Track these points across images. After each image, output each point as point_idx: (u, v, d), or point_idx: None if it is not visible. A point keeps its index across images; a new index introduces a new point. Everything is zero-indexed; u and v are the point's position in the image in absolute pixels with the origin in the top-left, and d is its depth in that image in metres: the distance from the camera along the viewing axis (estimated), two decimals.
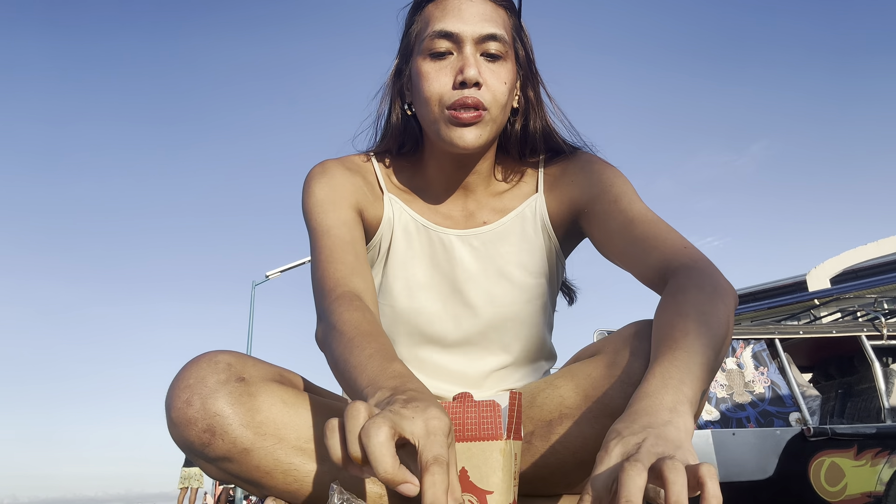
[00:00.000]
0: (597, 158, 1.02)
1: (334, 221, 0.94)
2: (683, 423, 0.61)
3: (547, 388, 0.84)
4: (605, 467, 0.57)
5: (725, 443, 3.82)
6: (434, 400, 0.63)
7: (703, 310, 0.73)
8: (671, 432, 0.58)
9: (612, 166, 1.01)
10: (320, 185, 0.98)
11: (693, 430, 0.63)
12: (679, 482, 0.51)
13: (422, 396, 0.63)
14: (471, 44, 0.91)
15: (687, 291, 0.77)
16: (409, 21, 1.00)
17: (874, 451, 3.80)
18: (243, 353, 0.84)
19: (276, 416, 0.79)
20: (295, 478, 0.80)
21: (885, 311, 4.79)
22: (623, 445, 0.57)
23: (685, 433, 0.60)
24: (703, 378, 0.67)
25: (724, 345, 0.74)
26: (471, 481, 0.66)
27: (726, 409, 3.98)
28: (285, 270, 13.34)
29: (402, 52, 1.01)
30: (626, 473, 0.52)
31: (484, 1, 0.93)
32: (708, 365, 0.69)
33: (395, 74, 1.03)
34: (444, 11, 0.93)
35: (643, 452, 0.55)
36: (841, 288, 6.85)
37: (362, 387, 0.71)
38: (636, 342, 0.79)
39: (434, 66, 0.92)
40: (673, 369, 0.66)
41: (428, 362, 1.00)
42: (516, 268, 1.01)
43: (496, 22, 0.93)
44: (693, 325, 0.71)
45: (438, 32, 0.91)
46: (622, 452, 0.57)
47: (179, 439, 0.78)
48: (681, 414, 0.62)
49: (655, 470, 0.53)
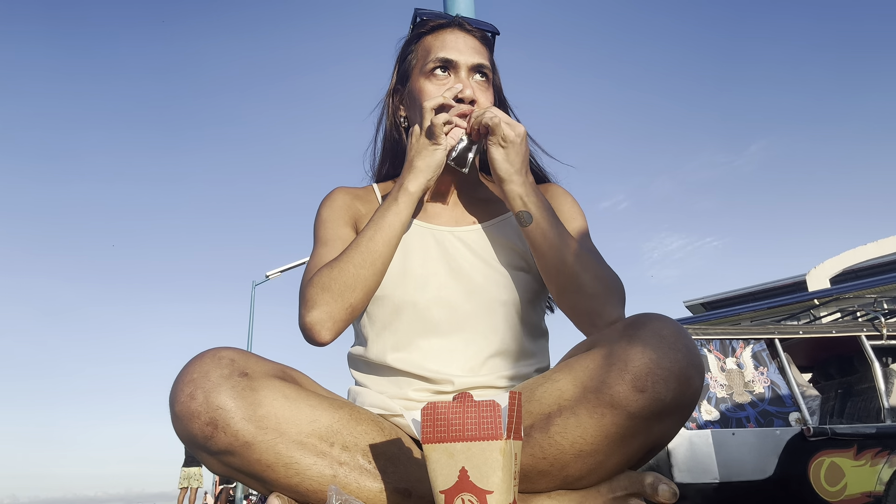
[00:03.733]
0: (567, 193, 1.20)
1: (331, 235, 1.09)
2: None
3: (545, 383, 0.86)
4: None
5: (725, 443, 3.82)
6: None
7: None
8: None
9: (577, 203, 1.19)
10: (325, 207, 1.15)
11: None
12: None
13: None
14: (465, 70, 1.11)
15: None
16: (406, 50, 1.19)
17: (874, 451, 3.81)
18: (246, 350, 0.86)
19: (278, 410, 0.81)
20: (296, 471, 0.81)
21: (885, 311, 4.79)
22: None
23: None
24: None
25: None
26: (471, 481, 0.66)
27: (726, 409, 3.98)
28: (285, 270, 13.35)
29: (400, 76, 1.19)
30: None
31: (474, 38, 1.14)
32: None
33: (391, 94, 1.21)
34: (443, 43, 1.12)
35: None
36: (841, 288, 6.86)
37: (391, 210, 1.00)
38: (632, 331, 0.80)
39: (433, 84, 1.10)
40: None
41: (425, 347, 1.03)
42: (505, 261, 1.09)
43: (483, 55, 1.14)
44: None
45: (439, 59, 1.11)
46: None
47: (182, 432, 0.80)
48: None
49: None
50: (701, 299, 13.58)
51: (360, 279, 0.96)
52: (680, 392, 0.78)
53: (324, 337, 0.95)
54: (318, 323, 0.94)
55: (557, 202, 1.18)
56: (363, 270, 0.96)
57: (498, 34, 1.21)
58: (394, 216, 0.99)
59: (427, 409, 0.68)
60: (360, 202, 1.18)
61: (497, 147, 1.00)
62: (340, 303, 0.95)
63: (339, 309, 0.95)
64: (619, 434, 0.79)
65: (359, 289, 0.96)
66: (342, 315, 0.96)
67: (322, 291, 0.95)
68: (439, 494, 0.68)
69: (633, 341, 0.79)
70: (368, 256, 0.97)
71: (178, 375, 0.81)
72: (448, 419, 0.67)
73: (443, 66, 1.10)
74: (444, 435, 0.67)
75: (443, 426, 0.67)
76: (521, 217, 1.01)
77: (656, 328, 0.80)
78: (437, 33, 1.14)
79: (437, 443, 0.67)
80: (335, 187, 1.20)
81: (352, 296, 0.96)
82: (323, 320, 0.94)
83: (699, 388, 0.80)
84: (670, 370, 0.77)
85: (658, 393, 0.77)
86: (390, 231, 0.99)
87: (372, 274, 0.97)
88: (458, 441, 0.67)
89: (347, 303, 0.96)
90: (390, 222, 0.99)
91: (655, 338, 0.78)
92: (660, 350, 0.78)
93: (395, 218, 0.99)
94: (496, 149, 1.00)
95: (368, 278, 0.97)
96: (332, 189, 1.19)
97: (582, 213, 1.19)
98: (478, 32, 1.16)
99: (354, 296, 0.96)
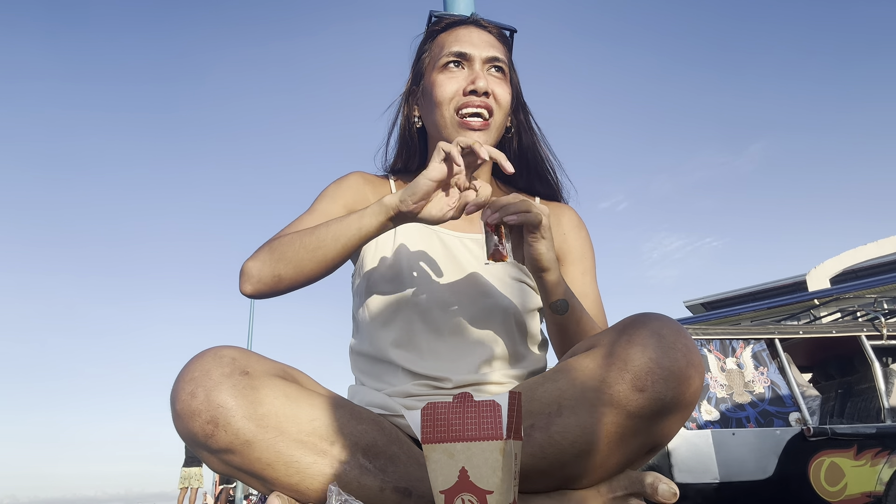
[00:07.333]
0: (582, 225, 1.22)
1: (320, 208, 1.10)
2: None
3: (546, 383, 0.86)
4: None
5: (725, 443, 3.82)
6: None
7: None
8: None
9: (588, 236, 1.21)
10: (333, 183, 1.16)
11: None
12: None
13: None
14: (480, 63, 1.09)
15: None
16: (421, 49, 1.18)
17: (874, 451, 3.81)
18: (247, 349, 0.87)
19: (279, 409, 0.81)
20: (297, 470, 0.81)
21: (885, 311, 4.79)
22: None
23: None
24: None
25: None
26: (471, 481, 0.66)
27: (726, 409, 3.98)
28: None
29: (414, 74, 1.19)
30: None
31: (490, 34, 1.13)
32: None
33: (406, 93, 1.20)
34: (457, 38, 1.11)
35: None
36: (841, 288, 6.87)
37: (361, 214, 0.95)
38: (632, 331, 0.80)
39: (447, 76, 1.09)
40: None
41: (425, 346, 1.04)
42: (508, 272, 1.10)
43: (499, 49, 1.12)
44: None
45: (453, 52, 1.09)
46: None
47: (183, 431, 0.80)
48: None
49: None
50: (701, 299, 13.59)
51: (297, 258, 0.96)
52: (680, 392, 0.78)
53: (245, 288, 0.99)
54: (246, 273, 0.98)
55: (571, 235, 1.18)
56: (304, 252, 0.96)
57: (515, 32, 1.19)
58: (356, 221, 0.95)
59: (427, 409, 0.68)
60: (370, 188, 1.18)
61: (540, 240, 0.93)
62: (271, 268, 0.97)
63: (268, 273, 0.97)
64: (619, 434, 0.80)
65: (292, 266, 0.97)
66: (268, 280, 0.98)
67: (268, 250, 0.98)
68: (439, 494, 0.68)
69: (633, 341, 0.79)
70: (314, 242, 0.96)
71: (179, 374, 0.81)
72: (448, 419, 0.67)
73: (456, 59, 1.09)
74: (445, 435, 0.67)
75: (443, 426, 0.67)
76: (558, 306, 0.98)
77: (656, 328, 0.80)
78: (451, 31, 1.13)
79: (437, 443, 0.67)
80: (354, 170, 1.20)
81: (284, 268, 0.97)
82: (251, 274, 0.98)
83: (699, 388, 0.80)
84: (670, 370, 0.77)
85: (658, 392, 0.77)
86: (347, 233, 0.95)
87: (310, 259, 0.96)
88: (458, 441, 0.67)
89: (277, 272, 0.97)
90: (349, 225, 0.95)
91: (655, 337, 0.79)
92: (660, 350, 0.78)
93: (356, 223, 0.95)
94: (540, 242, 0.93)
95: (304, 261, 0.96)
96: (351, 171, 1.20)
97: (592, 250, 1.20)
98: (494, 29, 1.15)
99: (286, 269, 0.97)
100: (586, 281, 1.16)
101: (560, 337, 1.02)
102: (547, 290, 0.98)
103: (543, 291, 0.99)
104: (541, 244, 0.93)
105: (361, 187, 1.16)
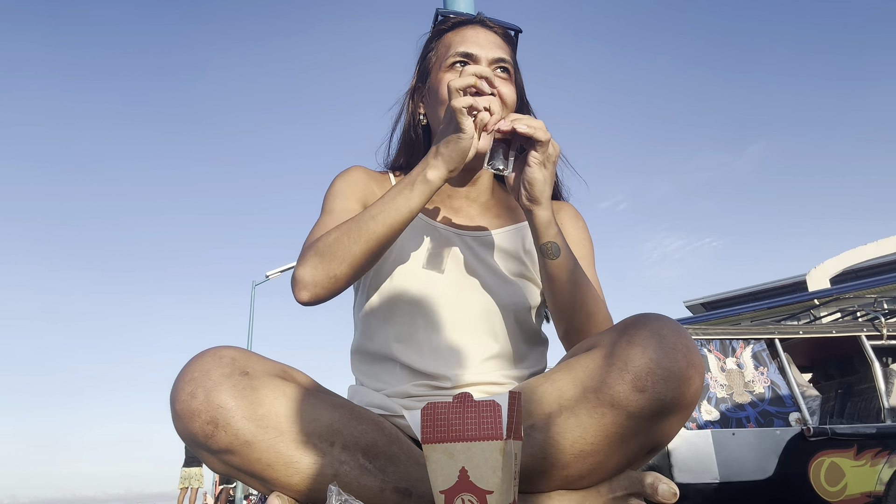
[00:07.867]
0: (579, 216, 1.22)
1: (339, 207, 1.08)
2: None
3: (546, 383, 0.86)
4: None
5: (725, 443, 3.82)
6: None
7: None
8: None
9: (587, 229, 1.21)
10: (339, 180, 1.15)
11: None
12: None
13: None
14: (486, 64, 1.09)
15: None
16: (427, 48, 1.18)
17: (874, 451, 3.81)
18: (247, 349, 0.87)
19: (279, 409, 0.81)
20: (297, 470, 0.81)
21: (885, 311, 4.79)
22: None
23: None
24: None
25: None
26: (471, 481, 0.66)
27: (726, 409, 3.98)
28: (285, 270, 13.34)
29: (420, 72, 1.19)
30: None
31: (495, 34, 1.13)
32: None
33: (411, 91, 1.20)
34: (464, 38, 1.12)
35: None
36: (841, 288, 6.87)
37: (406, 196, 0.94)
38: (632, 331, 0.81)
39: (453, 76, 1.07)
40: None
41: (425, 343, 1.04)
42: (510, 269, 1.10)
43: (505, 50, 1.12)
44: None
45: (459, 53, 1.10)
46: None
47: (183, 431, 0.80)
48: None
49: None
50: (701, 299, 13.60)
51: (349, 253, 0.94)
52: (680, 392, 0.78)
53: (302, 296, 0.96)
54: (300, 281, 0.95)
55: (569, 225, 1.18)
56: (355, 246, 0.94)
57: (521, 32, 1.19)
58: (404, 201, 0.93)
59: (427, 410, 0.68)
60: (375, 183, 1.17)
61: (540, 166, 0.93)
62: (325, 271, 0.94)
63: (323, 277, 0.94)
64: (620, 434, 0.80)
65: (346, 263, 0.94)
66: (325, 283, 0.95)
67: (315, 255, 0.95)
68: (439, 494, 0.68)
69: (634, 341, 0.79)
70: (364, 234, 0.93)
71: (178, 374, 0.81)
72: (448, 419, 0.67)
73: (463, 60, 1.09)
74: (444, 435, 0.67)
75: (443, 426, 0.67)
76: (548, 249, 0.97)
77: (656, 328, 0.80)
78: (457, 30, 1.14)
79: (437, 443, 0.67)
80: (353, 165, 1.19)
81: (338, 267, 0.94)
82: (306, 281, 0.95)
83: (699, 388, 0.80)
84: (670, 370, 0.77)
85: (658, 393, 0.77)
86: (396, 215, 0.94)
87: (363, 252, 0.94)
88: (458, 441, 0.67)
89: (332, 273, 0.94)
90: (398, 206, 0.94)
91: (655, 338, 0.79)
92: (660, 350, 0.78)
93: (405, 203, 0.93)
94: (539, 168, 0.93)
95: (358, 255, 0.94)
96: (350, 166, 1.19)
97: (591, 241, 1.19)
98: (500, 29, 1.15)
99: (341, 268, 0.94)
100: (584, 266, 1.15)
101: (554, 293, 1.00)
102: (537, 229, 0.97)
103: (534, 231, 0.98)
104: (538, 170, 0.93)
105: (367, 182, 1.16)
